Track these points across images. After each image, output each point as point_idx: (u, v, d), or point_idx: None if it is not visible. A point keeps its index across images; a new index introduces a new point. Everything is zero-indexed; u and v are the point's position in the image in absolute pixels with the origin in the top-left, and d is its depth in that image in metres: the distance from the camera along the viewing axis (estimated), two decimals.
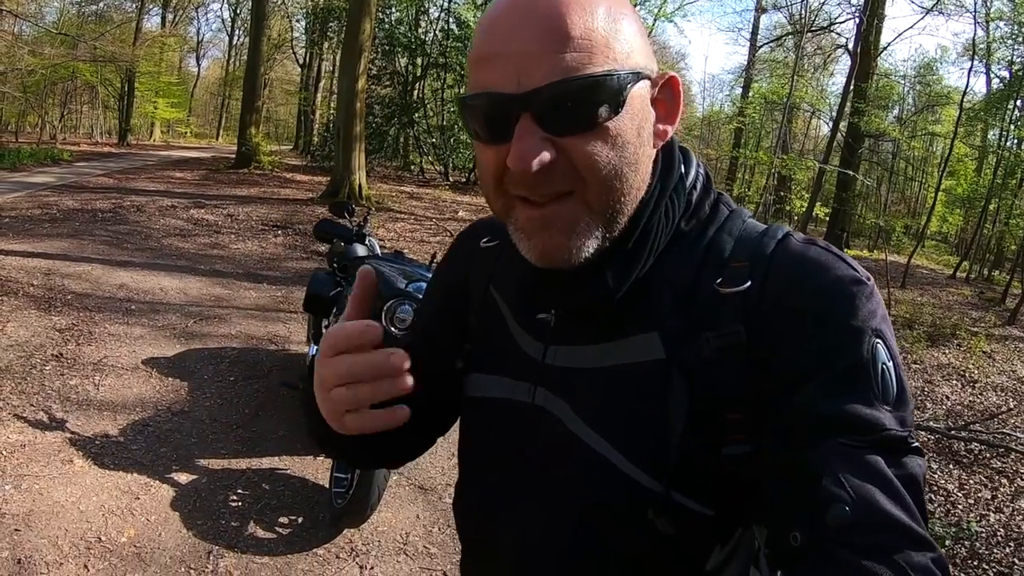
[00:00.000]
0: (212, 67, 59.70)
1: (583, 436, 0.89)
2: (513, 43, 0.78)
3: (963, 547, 4.32)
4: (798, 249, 0.85)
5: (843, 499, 0.70)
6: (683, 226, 0.91)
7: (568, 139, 0.79)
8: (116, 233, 10.76)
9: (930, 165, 34.71)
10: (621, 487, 0.86)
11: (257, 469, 4.13)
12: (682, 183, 0.93)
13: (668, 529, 0.83)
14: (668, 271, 0.89)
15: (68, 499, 3.61)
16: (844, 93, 16.42)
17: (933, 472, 5.40)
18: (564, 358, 0.94)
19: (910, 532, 0.70)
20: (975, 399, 7.82)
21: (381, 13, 23.48)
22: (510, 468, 0.99)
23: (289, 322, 7.17)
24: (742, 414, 0.81)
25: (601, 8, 0.79)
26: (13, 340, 5.68)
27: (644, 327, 0.87)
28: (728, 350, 0.82)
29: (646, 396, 0.85)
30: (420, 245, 12.21)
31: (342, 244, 4.72)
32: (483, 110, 0.83)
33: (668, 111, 0.90)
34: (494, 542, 1.02)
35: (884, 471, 0.72)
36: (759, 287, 0.83)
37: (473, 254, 1.15)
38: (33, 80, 27.45)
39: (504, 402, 1.00)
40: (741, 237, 0.89)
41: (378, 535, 3.68)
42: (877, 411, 0.75)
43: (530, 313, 0.98)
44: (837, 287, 0.80)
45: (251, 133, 22.32)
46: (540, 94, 0.77)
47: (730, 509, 0.84)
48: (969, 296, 16.27)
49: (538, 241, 0.85)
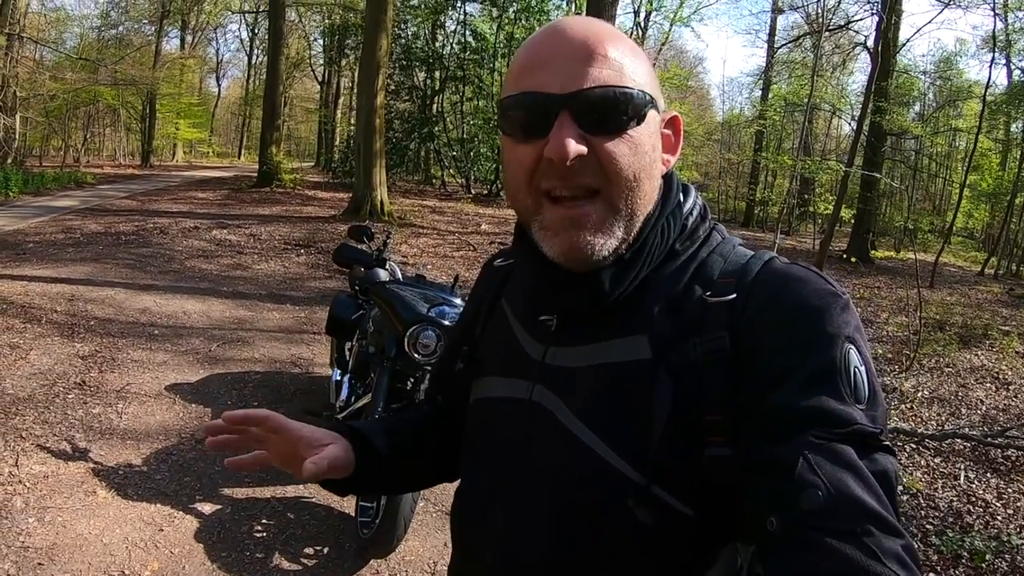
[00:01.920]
0: (232, 87, 60.50)
1: (573, 429, 0.96)
2: (557, 56, 0.91)
3: (1004, 561, 4.18)
4: (780, 267, 0.94)
5: (816, 484, 0.75)
6: (678, 247, 1.00)
7: (599, 138, 0.90)
8: (139, 256, 10.83)
9: (954, 161, 34.33)
10: (605, 477, 0.91)
11: (282, 498, 4.09)
12: (679, 208, 1.02)
13: (647, 519, 0.88)
14: (661, 283, 0.98)
15: (91, 531, 3.58)
16: (867, 93, 16.20)
17: (971, 482, 5.27)
18: (562, 358, 1.01)
19: (880, 518, 0.73)
20: (1010, 402, 7.64)
21: (397, 28, 23.62)
22: (502, 463, 1.05)
23: (313, 344, 7.15)
24: (722, 416, 0.87)
25: (626, 43, 0.94)
26: (36, 368, 5.69)
27: (634, 330, 0.95)
28: (712, 355, 0.89)
29: (633, 393, 0.92)
30: (444, 260, 12.21)
31: (363, 269, 4.69)
32: (525, 109, 0.93)
33: (671, 145, 1.04)
34: (482, 535, 1.07)
35: (855, 461, 0.77)
36: (743, 298, 0.91)
37: (488, 275, 1.28)
38: (55, 105, 27.78)
39: (503, 400, 1.08)
40: (730, 259, 0.98)
41: (405, 565, 3.62)
42: (849, 408, 0.80)
43: (534, 317, 1.07)
44: (814, 298, 0.88)
45: (272, 151, 22.46)
46: (581, 95, 0.89)
47: (712, 515, 0.88)
48: (999, 293, 16.05)
49: (565, 238, 0.93)
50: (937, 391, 7.70)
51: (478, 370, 1.17)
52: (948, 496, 5.02)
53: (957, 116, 31.67)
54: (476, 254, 13.02)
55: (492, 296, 1.21)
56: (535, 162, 0.92)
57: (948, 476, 5.36)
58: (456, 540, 1.18)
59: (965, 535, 4.45)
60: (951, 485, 5.19)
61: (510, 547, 1.01)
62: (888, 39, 20.11)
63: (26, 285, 8.25)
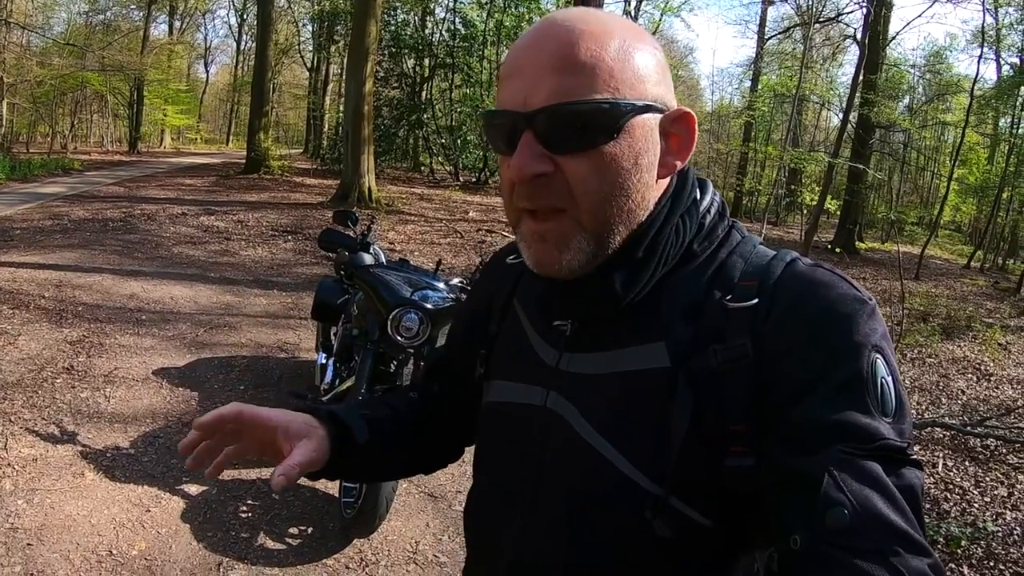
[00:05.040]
0: (220, 73, 60.13)
1: (588, 438, 0.92)
2: (526, 66, 0.86)
3: (979, 547, 4.25)
4: (804, 270, 0.89)
5: (842, 503, 0.73)
6: (695, 247, 0.95)
7: (565, 157, 0.85)
8: (127, 242, 10.82)
9: (942, 154, 34.48)
10: (621, 488, 0.88)
11: (266, 479, 4.09)
12: (695, 207, 0.96)
13: (664, 532, 0.85)
14: (678, 286, 0.93)
15: (79, 512, 3.62)
16: (853, 84, 16.30)
17: (948, 470, 5.35)
18: (577, 364, 0.97)
19: (907, 537, 0.72)
20: (991, 393, 7.74)
21: (387, 15, 23.52)
22: (518, 469, 1.02)
23: (299, 329, 7.18)
24: (745, 425, 0.83)
25: (615, 41, 0.86)
26: (25, 353, 5.71)
27: (652, 337, 0.91)
28: (733, 363, 0.84)
29: (650, 402, 0.88)
30: (431, 247, 12.22)
31: (347, 253, 4.72)
32: (499, 125, 0.90)
33: (681, 145, 0.93)
34: (497, 542, 1.04)
35: (882, 478, 0.75)
36: (766, 304, 0.86)
37: (500, 272, 1.22)
38: (42, 91, 27.67)
39: (518, 406, 1.04)
40: (751, 260, 0.93)
41: (388, 544, 3.67)
42: (876, 421, 0.77)
43: (548, 322, 1.03)
44: (840, 305, 0.83)
45: (260, 138, 22.37)
46: (541, 114, 0.84)
47: (731, 525, 0.86)
48: (984, 286, 16.18)
49: (535, 251, 0.91)
50: (918, 381, 7.79)
51: (491, 373, 1.14)
52: (926, 483, 5.08)
53: (946, 110, 31.76)
54: (463, 241, 13.04)
55: (506, 296, 1.17)
56: (512, 180, 0.89)
57: (927, 464, 5.42)
58: (471, 544, 1.17)
59: (941, 521, 4.52)
60: (929, 472, 5.26)
61: (526, 555, 0.99)
62: (877, 32, 20.17)
63: (14, 271, 8.24)
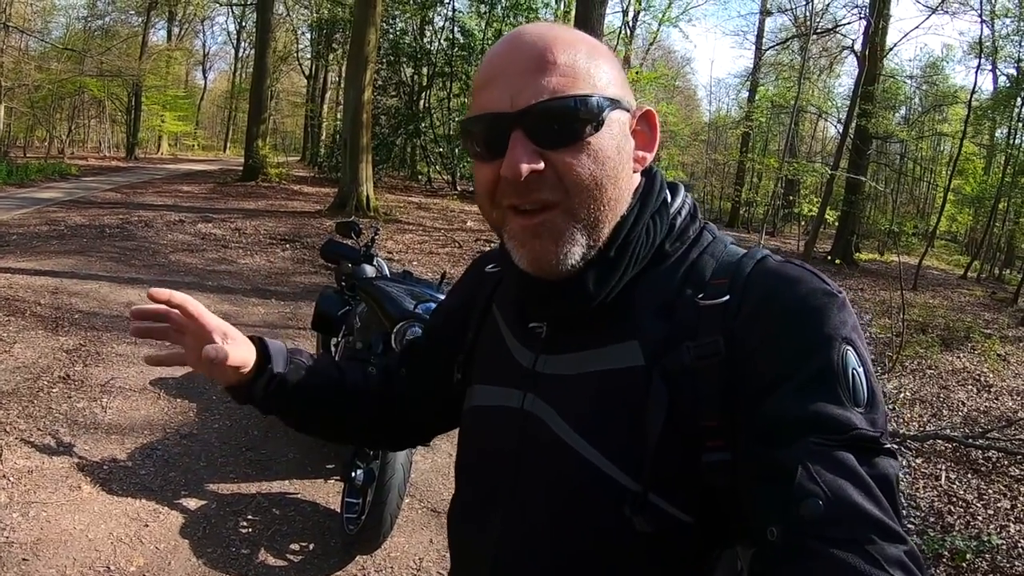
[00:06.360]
0: (219, 80, 60.09)
1: (566, 438, 0.94)
2: (507, 71, 0.91)
3: (984, 560, 4.23)
4: (774, 266, 0.92)
5: (816, 493, 0.75)
6: (667, 247, 0.99)
7: (555, 152, 0.89)
8: (124, 249, 10.74)
9: (939, 165, 34.57)
10: (601, 486, 0.90)
11: (267, 493, 4.08)
12: (665, 207, 1.00)
13: (644, 528, 0.87)
14: (651, 286, 0.96)
15: (76, 527, 3.56)
16: (853, 97, 16.35)
17: (952, 482, 5.33)
18: (553, 366, 1.00)
19: (881, 525, 0.73)
20: (991, 404, 7.74)
21: (386, 23, 23.53)
22: (498, 472, 1.04)
23: (297, 339, 7.13)
24: (720, 420, 0.86)
25: (582, 48, 0.92)
26: (20, 362, 5.65)
27: (625, 336, 0.94)
28: (707, 359, 0.87)
29: (626, 400, 0.91)
30: (429, 257, 12.19)
31: (350, 265, 4.68)
32: (482, 129, 0.93)
33: (646, 141, 1.00)
34: (479, 545, 1.06)
35: (855, 467, 0.76)
36: (737, 300, 0.89)
37: (478, 279, 1.25)
38: (40, 95, 27.62)
39: (496, 410, 1.06)
40: (722, 258, 0.97)
41: (391, 561, 3.62)
42: (848, 412, 0.79)
43: (524, 325, 1.06)
44: (810, 299, 0.86)
45: (258, 145, 22.38)
46: (530, 111, 0.88)
47: (711, 520, 0.88)
48: (981, 297, 16.21)
49: (529, 248, 0.93)
50: (919, 393, 7.78)
51: (470, 378, 1.16)
52: (929, 496, 5.07)
53: (943, 121, 31.94)
54: (462, 251, 13.01)
55: (483, 303, 1.20)
56: (495, 181, 0.92)
57: (929, 476, 5.41)
58: (453, 548, 1.18)
59: (946, 535, 4.50)
60: (932, 485, 5.24)
61: (508, 557, 1.00)
62: (875, 43, 20.23)
63: (10, 278, 8.17)
